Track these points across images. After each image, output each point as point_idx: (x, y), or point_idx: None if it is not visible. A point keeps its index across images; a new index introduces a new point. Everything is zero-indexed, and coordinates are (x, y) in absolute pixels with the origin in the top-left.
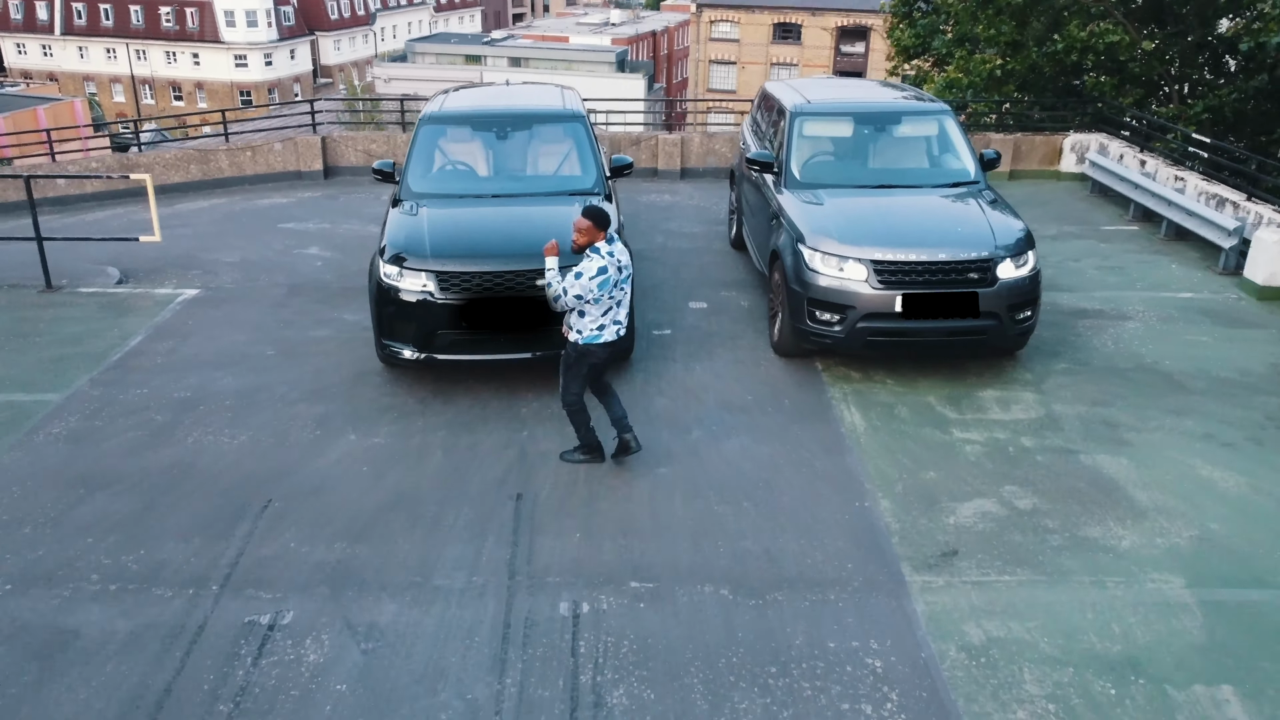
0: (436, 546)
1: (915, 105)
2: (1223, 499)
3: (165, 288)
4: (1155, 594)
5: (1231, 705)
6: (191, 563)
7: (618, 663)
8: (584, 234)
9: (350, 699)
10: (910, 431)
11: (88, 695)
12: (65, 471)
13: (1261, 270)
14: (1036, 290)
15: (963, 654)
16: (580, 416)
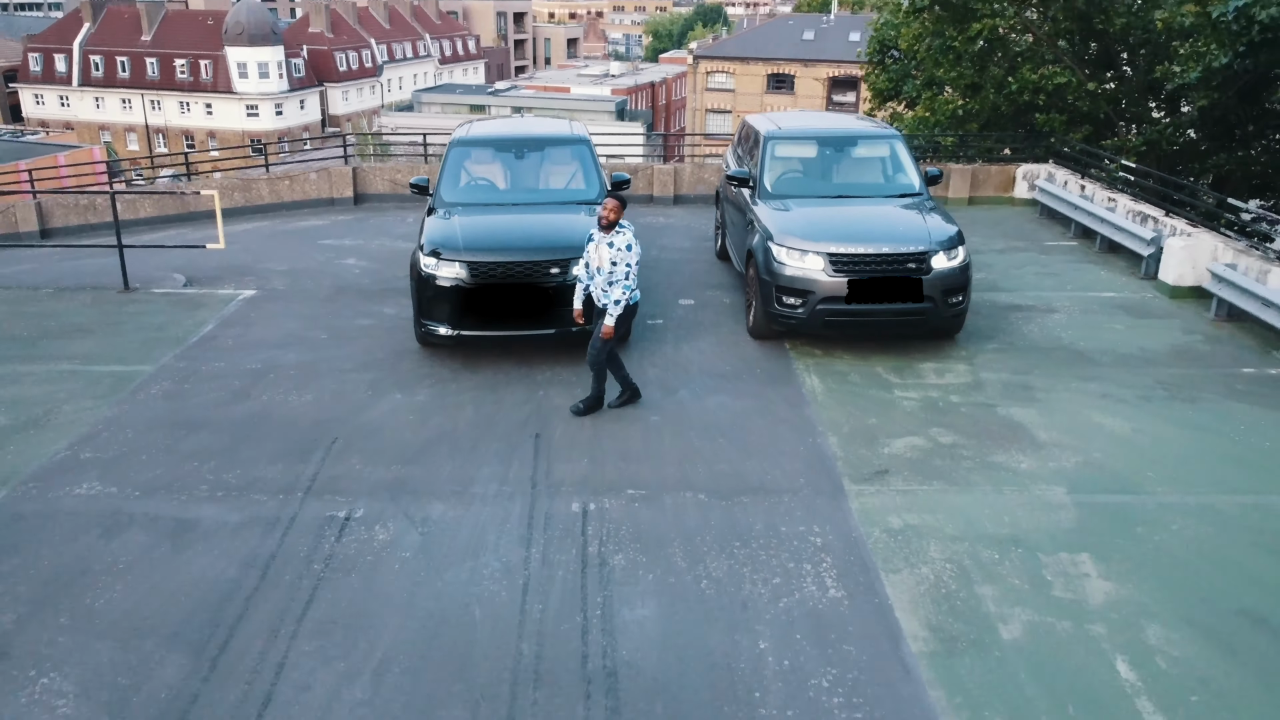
0: (473, 468)
1: (869, 130)
2: (1108, 437)
3: (226, 289)
4: (1040, 498)
5: (1086, 565)
6: (279, 478)
7: (617, 540)
8: (613, 211)
9: (413, 561)
10: (859, 392)
11: (212, 560)
12: (167, 419)
13: (1171, 272)
14: (966, 279)
15: (885, 534)
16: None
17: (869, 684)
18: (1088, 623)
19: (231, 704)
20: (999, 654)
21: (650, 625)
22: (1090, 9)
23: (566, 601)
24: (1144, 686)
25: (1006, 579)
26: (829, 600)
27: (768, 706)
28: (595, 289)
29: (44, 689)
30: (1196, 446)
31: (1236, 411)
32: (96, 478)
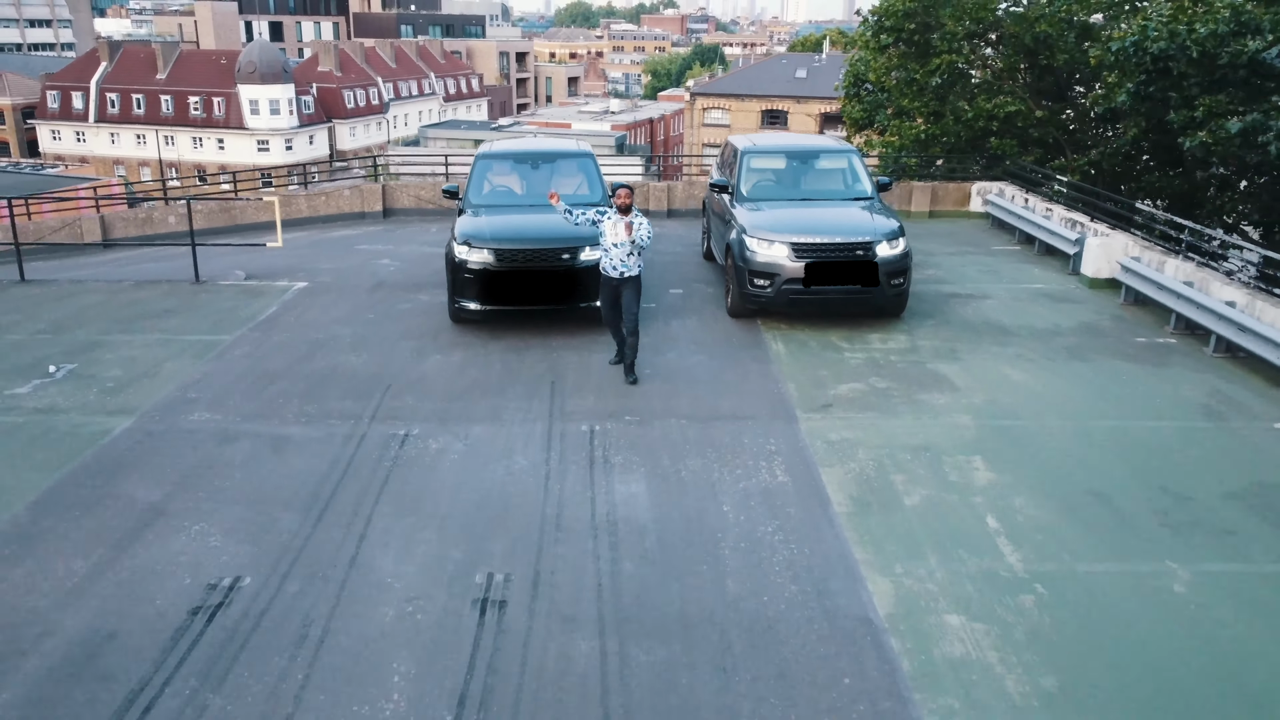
0: (502, 403)
1: (830, 146)
2: (1011, 385)
3: (282, 282)
4: (950, 422)
5: (977, 463)
6: (349, 410)
7: (615, 446)
8: (627, 198)
9: (461, 461)
10: (814, 352)
11: (306, 460)
12: (250, 372)
13: (1090, 266)
14: (906, 265)
15: (824, 444)
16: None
17: (802, 530)
18: (970, 496)
19: (335, 541)
20: (901, 514)
21: (642, 497)
22: (1037, 46)
23: (578, 484)
24: (1004, 531)
25: (914, 470)
26: (778, 483)
27: (727, 542)
28: (615, 259)
29: (198, 533)
30: (1081, 389)
31: (1121, 368)
32: (204, 409)
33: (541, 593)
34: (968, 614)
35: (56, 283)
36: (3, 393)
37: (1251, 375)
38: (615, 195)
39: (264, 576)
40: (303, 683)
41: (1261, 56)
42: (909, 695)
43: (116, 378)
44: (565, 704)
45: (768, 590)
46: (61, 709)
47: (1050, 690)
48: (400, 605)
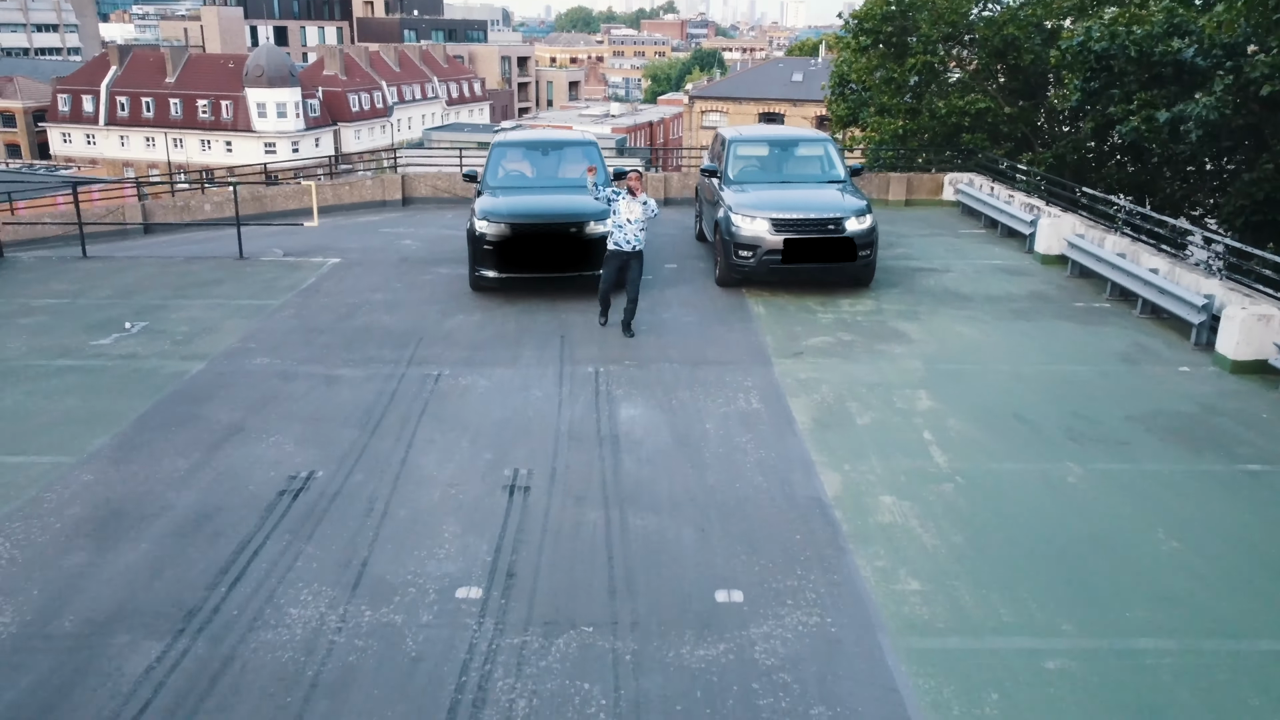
0: (519, 352)
1: (808, 135)
2: (961, 339)
3: (317, 258)
4: (904, 366)
5: (921, 394)
6: (388, 356)
7: (617, 383)
8: (637, 180)
9: (486, 393)
10: (791, 314)
11: (355, 393)
12: (299, 328)
13: (1042, 244)
14: (873, 238)
15: (795, 382)
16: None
17: (770, 440)
18: (912, 418)
19: (388, 448)
20: (852, 431)
21: (639, 418)
22: (1005, 48)
23: (586, 410)
24: (936, 441)
25: (867, 400)
26: (753, 409)
27: (709, 449)
28: (629, 234)
29: (273, 443)
30: (1021, 342)
31: (1059, 326)
32: (264, 355)
33: (558, 482)
34: (898, 495)
35: (115, 259)
36: (89, 344)
37: (1168, 331)
38: (626, 177)
39: (332, 471)
40: (373, 538)
41: (1182, 57)
42: (846, 546)
43: (184, 332)
44: (578, 553)
45: (740, 480)
46: (187, 554)
47: (957, 543)
48: (445, 490)
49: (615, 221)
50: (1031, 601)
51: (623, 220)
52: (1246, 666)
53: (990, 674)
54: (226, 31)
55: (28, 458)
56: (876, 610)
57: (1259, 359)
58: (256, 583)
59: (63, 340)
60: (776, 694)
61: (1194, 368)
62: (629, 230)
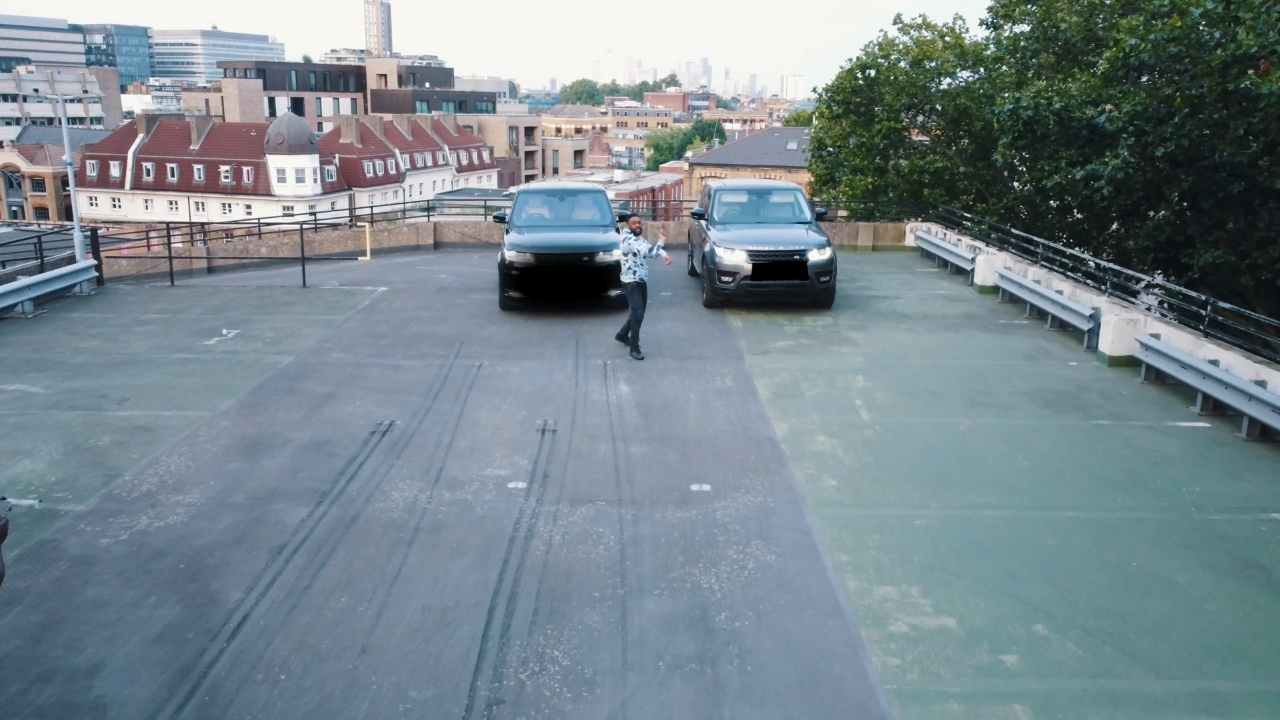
0: (543, 351)
1: (780, 186)
2: (897, 343)
3: (368, 287)
4: (849, 360)
5: (859, 378)
6: (439, 353)
7: (621, 370)
8: (637, 224)
9: (519, 376)
10: (764, 327)
11: (417, 375)
12: (365, 335)
13: (980, 276)
14: (832, 267)
15: (761, 370)
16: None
17: (737, 405)
18: (849, 393)
19: (447, 409)
20: (801, 399)
21: (636, 392)
22: (959, 116)
23: (596, 386)
24: (864, 406)
25: (815, 381)
26: (726, 387)
27: (690, 412)
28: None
29: (359, 405)
30: (944, 345)
31: (980, 336)
32: (340, 351)
33: (577, 428)
34: (829, 436)
35: (198, 286)
36: (196, 345)
37: (1068, 339)
38: (627, 221)
39: (408, 421)
40: (444, 458)
41: (1095, 121)
42: (787, 463)
43: (271, 337)
44: (594, 466)
45: (713, 428)
46: (314, 463)
47: (868, 462)
48: (493, 432)
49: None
50: (912, 491)
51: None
52: (1051, 524)
53: (874, 527)
54: (246, 102)
55: (176, 412)
56: (802, 494)
57: (1128, 354)
58: (367, 478)
59: (176, 341)
60: (729, 534)
61: (1080, 363)
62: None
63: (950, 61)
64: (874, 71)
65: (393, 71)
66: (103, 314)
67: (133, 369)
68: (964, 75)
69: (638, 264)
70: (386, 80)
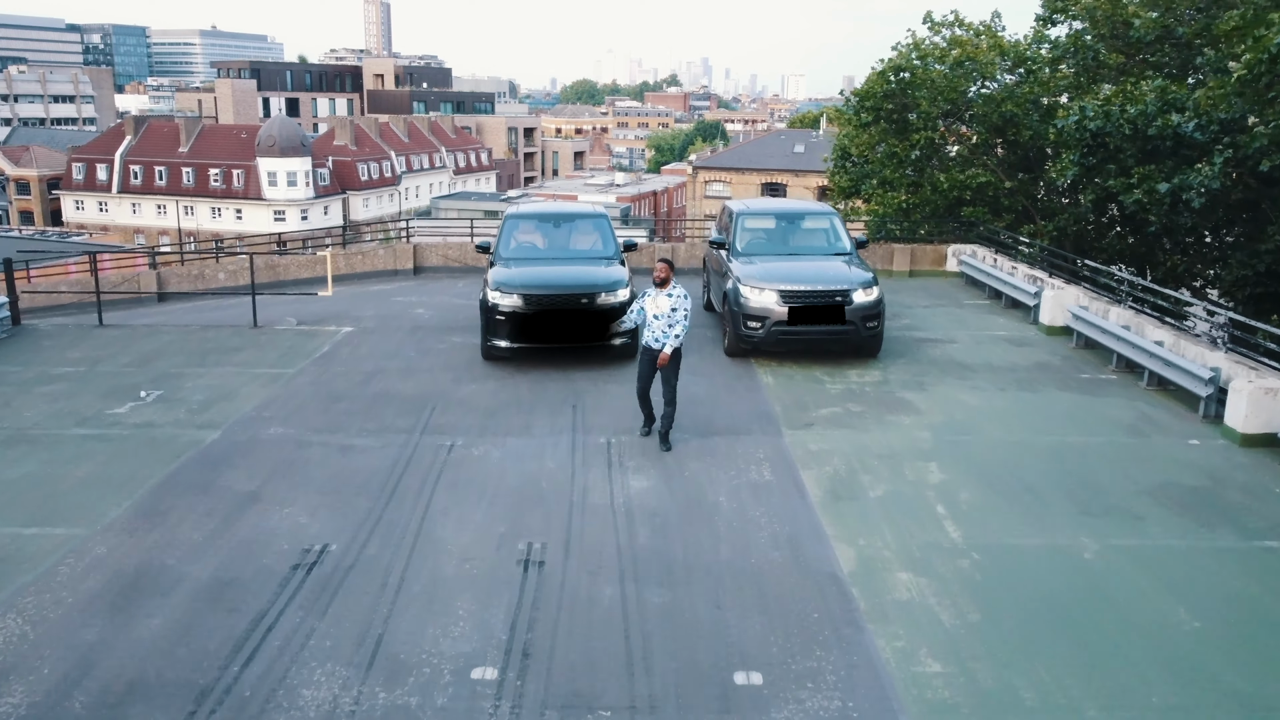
0: (532, 421)
1: (814, 208)
2: (966, 408)
3: (331, 326)
4: (912, 436)
5: (931, 467)
6: (402, 425)
7: (629, 454)
8: (665, 271)
9: (501, 461)
10: (799, 384)
11: (371, 460)
12: (314, 396)
13: (1046, 315)
14: (879, 310)
15: (805, 453)
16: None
17: (782, 512)
18: (923, 490)
19: (402, 518)
20: (865, 503)
21: (650, 488)
22: (1004, 124)
23: (599, 479)
24: (949, 515)
25: (877, 471)
26: (764, 480)
27: (722, 520)
28: (655, 331)
29: (288, 514)
30: (1024, 411)
31: (1063, 396)
32: (279, 424)
33: (572, 554)
34: (914, 571)
35: (132, 326)
36: (105, 412)
37: (1175, 402)
38: (656, 267)
39: (347, 542)
40: (387, 614)
41: (1182, 130)
42: (864, 625)
43: (200, 401)
44: (594, 629)
45: (755, 554)
46: (204, 626)
47: (975, 621)
48: (459, 563)
49: (642, 318)
50: (1048, 676)
51: (648, 317)
52: None
53: None
54: (240, 103)
55: (42, 529)
56: (897, 694)
57: (1268, 432)
58: (273, 658)
59: (81, 407)
60: None
61: (1202, 440)
62: (656, 327)
63: (992, 63)
64: (908, 74)
65: (390, 72)
66: (1, 366)
67: (11, 452)
68: (1007, 78)
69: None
70: (384, 80)
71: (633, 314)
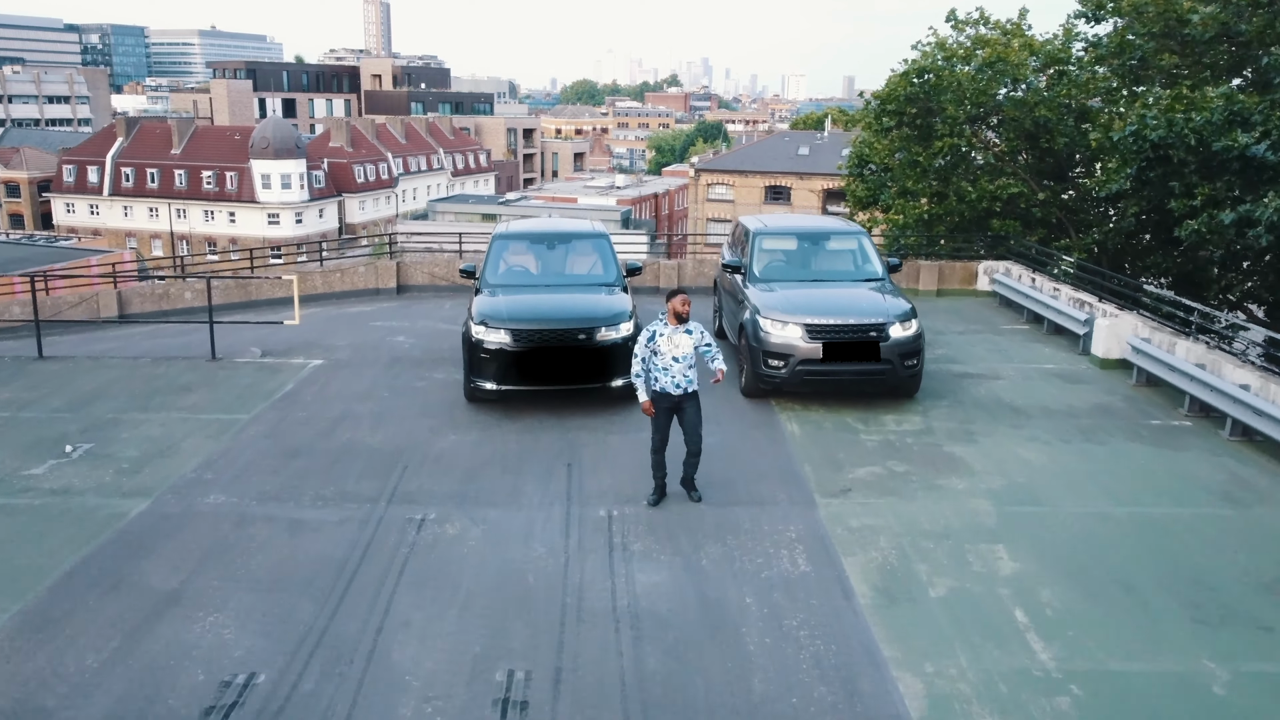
0: (519, 484)
1: (840, 227)
2: (1028, 466)
3: (298, 359)
4: (970, 508)
5: (1000, 551)
6: (366, 492)
7: (634, 532)
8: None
9: (478, 545)
10: (829, 433)
11: (323, 542)
12: (268, 451)
13: (1101, 346)
14: (919, 346)
15: (846, 531)
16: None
17: (825, 621)
18: (996, 587)
19: (353, 634)
20: (926, 607)
21: (663, 586)
22: (1037, 130)
23: (598, 571)
24: (1033, 625)
25: (937, 559)
26: (799, 572)
27: (751, 635)
28: (674, 375)
29: (211, 624)
30: (1095, 470)
31: (1136, 450)
32: (220, 491)
33: (564, 688)
34: (1002, 716)
35: (75, 359)
36: (19, 473)
37: (1270, 459)
38: (670, 301)
39: (279, 671)
40: None
41: (1251, 151)
42: None
43: (133, 458)
44: None
45: (796, 690)
46: None
47: None
48: (419, 705)
49: (659, 363)
50: None
51: (668, 361)
52: None
53: None
54: (235, 103)
55: None
56: None
57: None
58: None
59: None
60: None
61: None
62: (675, 371)
63: (1025, 65)
64: (932, 76)
65: (388, 72)
66: None
67: None
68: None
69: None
70: (381, 81)
71: (638, 360)
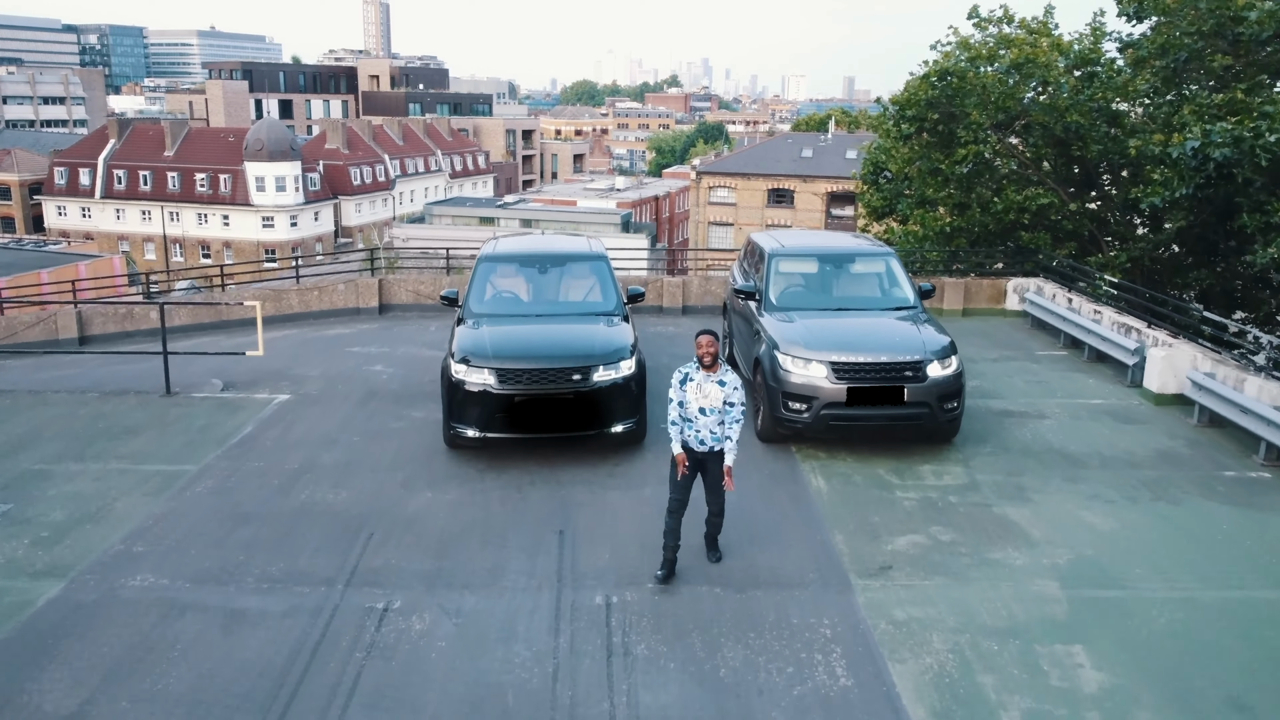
0: (502, 559)
1: (866, 248)
2: (1096, 534)
3: (262, 393)
4: (1035, 592)
5: (1079, 655)
6: (320, 571)
7: (638, 628)
8: (712, 345)
9: (449, 649)
10: (860, 489)
11: (263, 643)
12: (216, 511)
13: (1155, 380)
14: (960, 385)
15: (890, 625)
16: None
17: None
18: (1081, 709)
19: None
20: None
21: (673, 707)
22: (1068, 136)
23: (593, 686)
24: None
25: (1004, 668)
26: (838, 687)
27: None
28: (700, 430)
29: None
30: (1174, 541)
31: (1215, 510)
32: (150, 569)
33: None
34: None
35: (15, 393)
36: None
37: None
38: (697, 344)
39: None
40: None
41: None
42: None
43: (55, 524)
44: None
45: None
46: None
47: None
48: None
49: (682, 414)
50: None
51: (693, 412)
52: None
53: None
54: (231, 105)
55: None
56: None
57: None
58: None
59: None
60: None
61: None
62: (702, 425)
63: (1055, 67)
64: (954, 78)
65: (385, 72)
66: None
67: None
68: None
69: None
70: (379, 82)
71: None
